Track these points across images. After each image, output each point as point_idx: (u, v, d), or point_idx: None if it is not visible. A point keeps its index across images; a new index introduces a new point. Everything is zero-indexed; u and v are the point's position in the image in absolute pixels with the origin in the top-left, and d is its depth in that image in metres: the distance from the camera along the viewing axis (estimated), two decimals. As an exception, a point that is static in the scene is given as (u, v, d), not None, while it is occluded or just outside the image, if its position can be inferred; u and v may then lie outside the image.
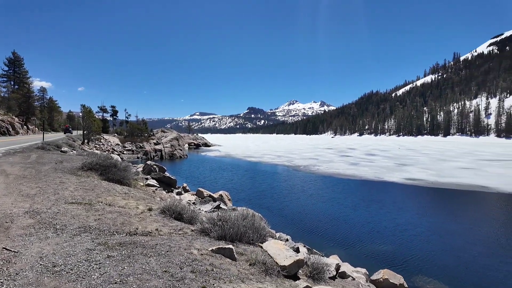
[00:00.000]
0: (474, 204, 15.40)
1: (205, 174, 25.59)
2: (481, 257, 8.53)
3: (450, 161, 34.84)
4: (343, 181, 21.86)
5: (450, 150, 56.14)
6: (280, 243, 4.57)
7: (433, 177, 22.72)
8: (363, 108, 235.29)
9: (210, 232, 4.75)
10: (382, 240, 9.82)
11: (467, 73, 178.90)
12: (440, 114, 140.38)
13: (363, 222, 11.90)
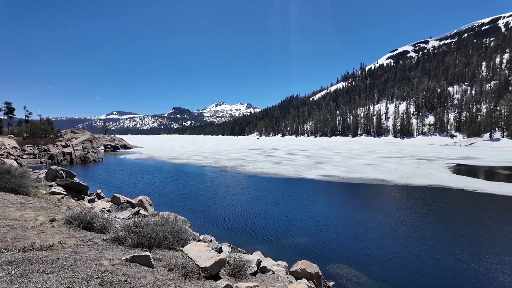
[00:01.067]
0: (374, 195, 17.73)
1: (123, 178, 23.67)
2: (376, 240, 9.94)
3: (357, 159, 39.46)
4: (267, 179, 22.78)
5: (357, 149, 63.69)
6: (202, 245, 4.50)
7: (344, 173, 25.41)
8: (285, 110, 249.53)
9: (125, 240, 4.40)
10: (299, 233, 10.58)
11: (371, 82, 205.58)
12: (350, 117, 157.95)
13: (283, 217, 12.62)
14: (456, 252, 8.93)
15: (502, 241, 9.93)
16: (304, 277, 5.62)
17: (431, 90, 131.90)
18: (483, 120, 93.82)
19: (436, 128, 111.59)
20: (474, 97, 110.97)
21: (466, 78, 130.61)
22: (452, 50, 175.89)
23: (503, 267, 7.92)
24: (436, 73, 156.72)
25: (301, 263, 5.96)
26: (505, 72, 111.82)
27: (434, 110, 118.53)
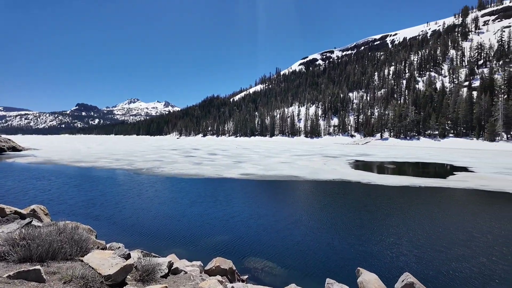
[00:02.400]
0: (287, 190, 19.08)
1: (9, 185, 19.96)
2: (284, 231, 10.75)
3: (274, 157, 41.77)
4: (186, 180, 22.22)
5: (274, 148, 67.45)
6: (106, 253, 4.15)
7: (262, 171, 26.61)
8: (206, 110, 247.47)
9: (8, 255, 3.77)
10: (215, 231, 10.68)
11: (285, 86, 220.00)
12: (267, 118, 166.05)
13: (198, 217, 12.53)
14: (346, 236, 10.31)
15: (379, 224, 11.87)
16: (218, 273, 5.71)
17: (335, 95, 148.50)
18: (375, 122, 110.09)
19: (339, 129, 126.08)
20: (369, 102, 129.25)
21: (363, 85, 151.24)
22: (352, 61, 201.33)
23: (380, 245, 9.47)
24: (339, 80, 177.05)
25: (216, 260, 6.03)
26: (392, 82, 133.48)
27: (338, 113, 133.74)
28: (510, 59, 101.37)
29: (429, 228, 11.15)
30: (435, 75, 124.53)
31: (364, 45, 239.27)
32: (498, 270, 7.69)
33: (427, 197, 17.28)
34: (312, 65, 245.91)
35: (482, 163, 34.74)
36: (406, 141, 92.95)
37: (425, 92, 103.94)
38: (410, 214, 13.30)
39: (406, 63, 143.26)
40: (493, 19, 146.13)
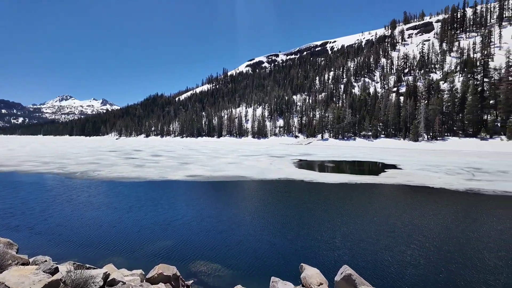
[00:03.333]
0: (233, 191, 19.12)
1: None
2: (227, 231, 10.75)
3: (221, 158, 41.52)
4: (126, 184, 20.84)
5: (222, 149, 67.11)
6: (27, 269, 3.65)
7: (209, 172, 26.23)
8: (149, 109, 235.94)
9: None
10: (157, 236, 10.20)
11: (232, 86, 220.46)
12: (215, 118, 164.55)
13: (139, 222, 11.84)
14: (289, 233, 10.71)
15: (319, 220, 12.57)
16: (161, 281, 5.43)
17: (280, 97, 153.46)
18: (317, 123, 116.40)
19: (284, 130, 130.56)
20: (311, 105, 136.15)
21: (306, 89, 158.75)
22: (295, 65, 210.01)
23: (321, 240, 10.04)
24: (284, 83, 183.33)
25: (158, 267, 5.73)
26: (331, 86, 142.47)
27: (283, 115, 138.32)
28: (429, 69, 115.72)
29: (362, 222, 12.11)
30: (369, 81, 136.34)
31: (307, 51, 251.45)
32: (416, 255, 8.68)
33: (361, 193, 18.78)
34: (258, 67, 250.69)
35: (408, 161, 39.00)
36: (344, 141, 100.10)
37: (360, 96, 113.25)
38: (347, 209, 14.31)
39: (344, 69, 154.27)
40: (416, 33, 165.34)
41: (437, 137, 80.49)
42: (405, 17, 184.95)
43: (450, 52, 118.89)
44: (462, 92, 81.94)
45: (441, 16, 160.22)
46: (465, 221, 12.57)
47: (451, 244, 9.61)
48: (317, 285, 5.00)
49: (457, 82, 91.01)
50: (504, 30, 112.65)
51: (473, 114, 76.19)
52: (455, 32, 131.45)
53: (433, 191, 19.02)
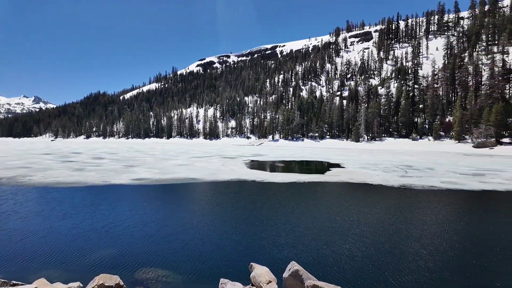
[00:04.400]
0: (183, 194, 18.64)
1: None
2: (175, 235, 10.48)
3: (171, 160, 40.13)
4: (61, 190, 19.00)
5: (171, 150, 64.89)
6: None
7: (158, 175, 25.16)
8: (90, 108, 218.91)
9: None
10: (95, 245, 9.49)
11: (183, 86, 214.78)
12: (164, 119, 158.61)
13: (74, 230, 10.87)
14: (239, 233, 10.80)
15: (268, 218, 12.90)
16: (102, 292, 5.05)
17: (232, 98, 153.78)
18: (268, 125, 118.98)
19: (237, 131, 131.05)
20: (262, 106, 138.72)
21: (257, 90, 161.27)
22: (247, 67, 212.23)
23: (269, 239, 10.30)
24: (236, 84, 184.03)
25: (99, 278, 5.33)
26: (281, 89, 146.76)
27: (235, 116, 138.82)
28: (369, 75, 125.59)
29: (307, 219, 12.69)
30: (315, 85, 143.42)
31: (258, 53, 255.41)
32: (353, 248, 9.38)
33: (308, 191, 19.67)
34: (209, 67, 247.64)
35: (350, 160, 41.83)
36: (293, 142, 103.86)
37: (308, 99, 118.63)
38: (295, 207, 14.87)
39: (292, 72, 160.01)
40: (357, 41, 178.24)
41: (376, 137, 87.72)
42: (347, 25, 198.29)
43: (386, 60, 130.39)
44: (397, 97, 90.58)
45: (379, 26, 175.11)
46: (397, 214, 13.89)
47: (384, 236, 10.57)
48: (266, 283, 5.10)
49: (392, 87, 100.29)
50: (431, 42, 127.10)
51: (406, 117, 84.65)
52: (391, 42, 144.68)
53: (372, 187, 20.67)
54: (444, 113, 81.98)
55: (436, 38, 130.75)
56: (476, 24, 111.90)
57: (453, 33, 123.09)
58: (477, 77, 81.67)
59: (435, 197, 17.53)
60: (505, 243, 9.90)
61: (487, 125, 65.80)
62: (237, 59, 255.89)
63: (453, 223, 12.40)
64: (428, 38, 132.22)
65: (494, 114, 65.02)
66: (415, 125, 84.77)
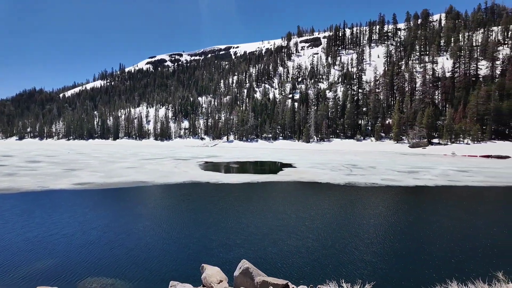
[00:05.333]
0: (131, 198, 17.80)
1: None
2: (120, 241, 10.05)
3: (118, 162, 37.89)
4: (-12, 198, 16.89)
5: (119, 152, 61.22)
6: None
7: (103, 179, 23.60)
8: (23, 107, 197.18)
9: None
10: (30, 256, 8.67)
11: (131, 84, 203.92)
12: (110, 119, 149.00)
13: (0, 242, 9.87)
14: (190, 235, 10.71)
15: (220, 219, 12.97)
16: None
17: (185, 98, 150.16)
18: (222, 126, 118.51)
19: (190, 132, 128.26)
20: (216, 107, 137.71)
21: (211, 91, 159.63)
22: (200, 66, 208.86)
23: (221, 239, 10.39)
24: (189, 83, 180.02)
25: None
26: (235, 90, 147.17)
27: (189, 116, 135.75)
28: (318, 79, 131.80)
29: (259, 218, 13.01)
30: (269, 87, 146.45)
31: (211, 53, 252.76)
32: (299, 245, 9.89)
33: (261, 191, 20.10)
34: (160, 66, 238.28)
35: (301, 160, 43.55)
36: (248, 143, 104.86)
37: (261, 101, 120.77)
38: (247, 207, 15.11)
39: (246, 74, 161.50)
40: (307, 46, 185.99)
41: (325, 138, 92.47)
42: (298, 30, 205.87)
43: (334, 65, 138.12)
44: (343, 100, 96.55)
45: (327, 33, 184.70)
46: (341, 210, 14.89)
47: (327, 231, 11.30)
48: (217, 282, 5.15)
49: (339, 91, 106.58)
50: (373, 50, 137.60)
51: (351, 119, 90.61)
52: (338, 48, 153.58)
53: (321, 186, 21.82)
54: (384, 116, 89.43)
55: (377, 46, 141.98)
56: (410, 36, 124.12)
57: (392, 43, 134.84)
58: (412, 83, 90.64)
59: (376, 193, 19.10)
60: (432, 233, 11.21)
61: (420, 127, 73.40)
62: (190, 58, 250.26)
63: (390, 217, 13.67)
64: (371, 46, 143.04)
65: (426, 117, 72.75)
66: (359, 127, 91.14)
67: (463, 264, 8.24)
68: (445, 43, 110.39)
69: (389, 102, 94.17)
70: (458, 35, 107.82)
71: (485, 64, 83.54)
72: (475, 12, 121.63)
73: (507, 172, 30.85)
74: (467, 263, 8.26)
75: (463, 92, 77.46)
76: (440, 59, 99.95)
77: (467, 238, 10.54)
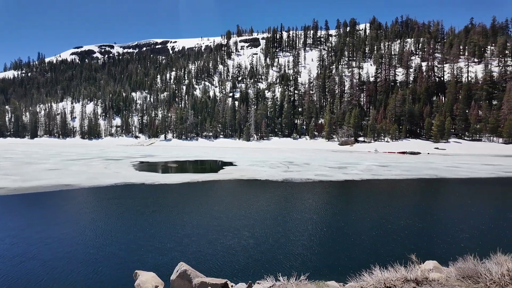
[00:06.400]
0: (51, 204, 15.96)
1: None
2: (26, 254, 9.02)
3: (37, 164, 33.52)
4: None
5: (37, 153, 54.09)
6: None
7: (17, 183, 20.66)
8: None
9: None
10: None
11: (53, 76, 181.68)
12: (26, 114, 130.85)
13: None
14: (115, 241, 10.07)
15: (155, 221, 12.49)
16: None
17: (117, 93, 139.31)
18: (159, 123, 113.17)
19: (123, 130, 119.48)
20: (153, 104, 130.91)
21: (146, 86, 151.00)
22: (134, 60, 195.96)
23: (155, 243, 9.99)
24: (121, 78, 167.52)
25: None
26: (173, 86, 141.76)
27: (121, 113, 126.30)
28: (257, 79, 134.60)
29: (197, 218, 12.83)
30: (209, 85, 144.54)
31: (146, 46, 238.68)
32: (235, 243, 10.07)
33: (201, 190, 19.80)
34: (88, 57, 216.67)
35: (242, 158, 44.05)
36: (187, 142, 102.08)
37: (202, 98, 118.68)
38: (185, 208, 14.76)
39: (185, 70, 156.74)
40: (247, 46, 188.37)
41: (264, 137, 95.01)
42: (238, 30, 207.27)
43: (272, 66, 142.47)
44: (281, 101, 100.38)
45: (266, 34, 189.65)
46: (277, 205, 15.52)
47: (263, 227, 11.72)
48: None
49: (277, 92, 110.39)
50: (307, 54, 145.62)
51: (288, 119, 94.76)
52: (276, 50, 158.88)
53: (260, 182, 22.39)
54: (317, 116, 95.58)
55: (312, 50, 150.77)
56: (340, 42, 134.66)
57: (324, 48, 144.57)
58: (341, 86, 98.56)
59: (310, 188, 20.33)
60: (357, 222, 12.39)
61: (348, 126, 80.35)
62: (122, 51, 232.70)
63: (320, 210, 14.71)
64: (306, 49, 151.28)
65: (353, 118, 79.98)
66: (296, 126, 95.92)
67: (384, 248, 9.28)
68: (370, 51, 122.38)
69: (321, 103, 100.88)
70: (380, 44, 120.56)
71: (401, 71, 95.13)
72: (393, 24, 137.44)
73: (418, 166, 35.64)
74: (387, 248, 9.33)
75: (384, 96, 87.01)
76: (365, 65, 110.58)
77: (387, 226, 11.90)
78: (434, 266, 4.90)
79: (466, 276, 3.76)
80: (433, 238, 10.48)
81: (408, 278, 3.73)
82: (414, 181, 24.64)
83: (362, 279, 4.13)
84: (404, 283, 3.66)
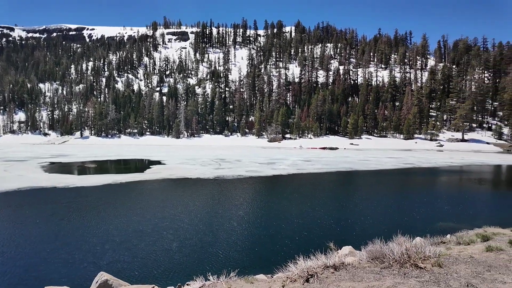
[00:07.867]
0: None
1: None
2: None
3: None
4: None
5: None
6: None
7: None
8: None
9: None
10: None
11: None
12: None
13: None
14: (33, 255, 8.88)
15: (67, 231, 11.32)
16: None
17: (20, 84, 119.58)
18: (74, 119, 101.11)
19: (28, 126, 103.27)
20: (66, 97, 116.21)
21: (57, 77, 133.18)
22: (42, 46, 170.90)
23: (70, 256, 9.06)
24: (25, 66, 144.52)
25: None
26: (91, 78, 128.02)
27: (26, 107, 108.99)
28: (187, 74, 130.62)
29: (120, 223, 11.94)
30: (133, 78, 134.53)
31: (57, 32, 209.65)
32: (158, 247, 9.77)
33: (124, 192, 18.45)
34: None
35: (171, 156, 42.33)
36: (108, 139, 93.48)
37: (124, 92, 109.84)
38: (103, 212, 13.61)
39: (105, 61, 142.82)
40: (175, 39, 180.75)
41: (195, 134, 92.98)
42: (165, 21, 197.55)
43: (202, 62, 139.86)
44: (212, 97, 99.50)
45: (195, 29, 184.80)
46: (207, 204, 15.48)
47: (188, 228, 11.58)
48: (67, 305, 4.40)
49: (208, 88, 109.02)
50: (238, 52, 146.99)
51: (220, 116, 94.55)
52: (206, 45, 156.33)
53: (191, 181, 21.91)
54: (248, 113, 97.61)
55: (241, 49, 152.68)
56: (268, 43, 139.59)
57: (253, 47, 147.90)
58: (270, 85, 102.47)
59: (241, 185, 20.72)
60: (282, 215, 13.11)
61: (276, 124, 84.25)
62: (26, 35, 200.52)
63: (249, 206, 15.15)
64: (236, 47, 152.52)
65: (280, 116, 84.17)
66: (227, 123, 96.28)
67: (307, 238, 10.03)
68: (295, 53, 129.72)
69: (252, 101, 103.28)
70: (304, 47, 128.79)
71: (322, 73, 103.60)
72: (315, 29, 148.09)
73: (336, 160, 39.33)
74: (310, 238, 10.11)
75: (307, 96, 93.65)
76: (291, 66, 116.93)
77: (309, 217, 12.88)
78: (350, 251, 5.50)
79: (375, 257, 4.32)
80: (349, 225, 11.75)
81: (328, 265, 4.11)
82: (333, 174, 27.16)
83: (288, 270, 4.40)
84: (324, 270, 4.01)
